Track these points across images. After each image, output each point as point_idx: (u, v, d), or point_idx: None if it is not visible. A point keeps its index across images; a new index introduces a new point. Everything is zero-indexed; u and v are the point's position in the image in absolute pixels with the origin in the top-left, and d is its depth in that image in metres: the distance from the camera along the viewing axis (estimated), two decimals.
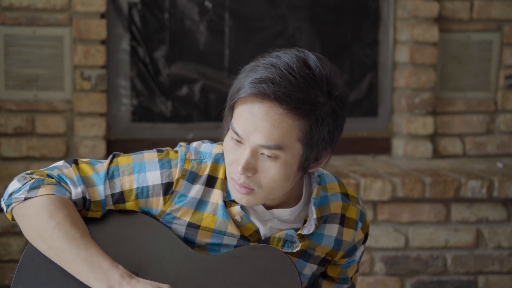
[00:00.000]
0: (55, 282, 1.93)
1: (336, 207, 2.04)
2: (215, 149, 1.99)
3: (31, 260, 1.95)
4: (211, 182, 1.96)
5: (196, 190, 1.96)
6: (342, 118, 1.86)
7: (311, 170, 1.91)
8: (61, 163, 2.00)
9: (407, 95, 4.01)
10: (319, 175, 2.02)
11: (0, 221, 3.46)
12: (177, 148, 2.01)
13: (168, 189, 1.95)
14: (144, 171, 1.95)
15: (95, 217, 1.98)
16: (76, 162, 1.99)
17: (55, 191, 1.93)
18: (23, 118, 3.77)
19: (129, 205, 1.97)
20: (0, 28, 3.72)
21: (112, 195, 1.96)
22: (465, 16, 4.04)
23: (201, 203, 1.96)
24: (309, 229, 1.97)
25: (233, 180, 1.88)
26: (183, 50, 3.98)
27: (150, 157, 1.98)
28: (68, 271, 1.90)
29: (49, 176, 1.96)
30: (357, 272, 2.18)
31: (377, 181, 3.61)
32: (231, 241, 1.97)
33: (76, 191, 1.95)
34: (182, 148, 1.99)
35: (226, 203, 1.96)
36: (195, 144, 2.01)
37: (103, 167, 1.97)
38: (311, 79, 1.80)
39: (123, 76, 3.94)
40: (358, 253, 2.12)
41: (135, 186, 1.95)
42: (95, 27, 3.74)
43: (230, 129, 1.86)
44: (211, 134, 3.90)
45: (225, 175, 1.96)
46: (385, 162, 4.02)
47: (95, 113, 3.79)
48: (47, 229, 1.89)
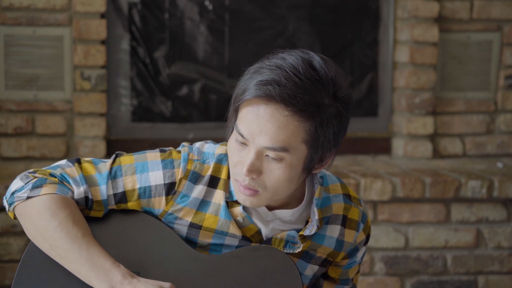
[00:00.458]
0: (57, 281, 1.93)
1: (338, 208, 2.04)
2: (218, 150, 1.99)
3: (32, 259, 1.95)
4: (213, 182, 1.96)
5: (198, 190, 1.96)
6: (346, 119, 1.87)
7: (316, 171, 1.92)
8: (63, 162, 2.00)
9: (407, 95, 4.01)
10: (322, 176, 2.02)
11: (0, 221, 3.46)
12: (180, 148, 2.01)
13: (170, 189, 1.95)
14: (146, 171, 1.95)
15: (97, 217, 1.98)
16: (79, 161, 1.99)
17: (57, 190, 1.92)
18: (23, 118, 3.76)
19: (131, 205, 1.97)
20: (0, 28, 3.72)
21: (114, 194, 1.96)
22: (465, 16, 4.04)
23: (203, 204, 1.96)
24: (311, 230, 1.97)
25: (238, 181, 1.88)
26: (183, 50, 3.98)
27: (153, 157, 1.98)
28: (69, 270, 1.90)
29: (52, 175, 1.96)
30: (358, 273, 2.18)
31: (377, 181, 3.61)
32: (232, 241, 1.97)
33: (78, 191, 1.94)
34: (185, 148, 1.99)
35: (228, 204, 1.96)
36: (198, 144, 2.01)
37: (105, 166, 1.97)
38: (317, 81, 1.80)
39: (123, 76, 3.94)
40: (359, 254, 2.12)
41: (138, 186, 1.95)
42: (95, 27, 3.74)
43: (234, 130, 1.86)
44: (211, 134, 3.90)
45: (228, 175, 1.96)
46: (385, 162, 4.02)
47: (95, 113, 3.79)
48: (49, 228, 1.89)
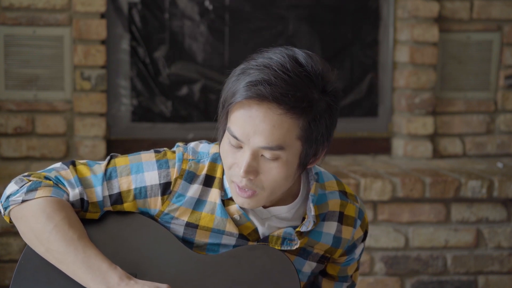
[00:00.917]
0: (54, 284, 1.93)
1: (334, 205, 2.04)
2: (213, 149, 2.00)
3: (29, 262, 1.95)
4: (209, 181, 1.96)
5: (194, 189, 1.96)
6: (336, 112, 1.88)
7: (310, 165, 1.92)
8: (58, 164, 2.00)
9: (407, 95, 4.01)
10: (317, 173, 2.02)
11: (0, 221, 3.46)
12: (174, 148, 2.01)
13: (166, 189, 1.95)
14: (142, 172, 1.95)
15: (93, 219, 1.98)
16: (73, 163, 1.99)
17: (52, 193, 1.92)
18: (23, 118, 3.77)
19: (127, 205, 1.97)
20: (0, 28, 3.73)
21: (110, 196, 1.96)
22: (465, 16, 4.04)
23: (199, 203, 1.96)
24: (308, 226, 1.97)
25: (234, 183, 1.88)
26: (183, 50, 3.98)
27: (147, 157, 1.98)
28: (66, 273, 1.90)
29: (47, 178, 1.96)
30: (357, 270, 2.18)
31: (377, 181, 3.61)
32: (229, 240, 1.97)
33: (73, 193, 1.94)
34: (179, 148, 2.00)
35: (224, 202, 1.96)
36: (192, 144, 2.02)
37: (100, 168, 1.97)
38: (306, 76, 1.81)
39: (123, 76, 3.94)
40: (357, 251, 2.12)
41: (133, 186, 1.95)
42: (95, 27, 3.74)
43: (226, 133, 1.86)
44: (211, 134, 3.84)
45: (223, 174, 1.96)
46: (385, 162, 4.02)
47: (95, 113, 3.79)
48: (44, 232, 1.89)
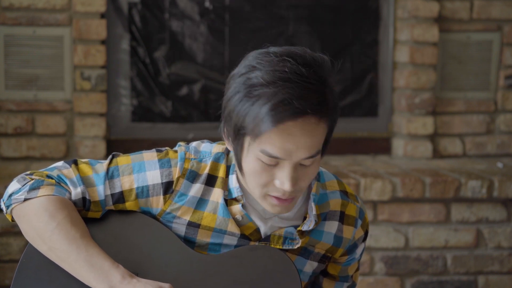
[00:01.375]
0: (56, 282, 1.93)
1: (335, 204, 2.04)
2: (215, 149, 1.99)
3: (31, 260, 1.95)
4: (211, 181, 1.96)
5: (196, 189, 1.95)
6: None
7: None
8: (60, 163, 1.99)
9: (407, 95, 4.01)
10: (318, 173, 2.03)
11: (0, 221, 3.46)
12: (176, 147, 2.01)
13: (168, 188, 1.95)
14: (144, 171, 1.95)
15: (95, 218, 1.98)
16: (75, 162, 1.99)
17: (55, 192, 1.92)
18: (23, 118, 3.77)
19: (129, 205, 1.97)
20: (0, 28, 3.73)
21: (112, 195, 1.95)
22: (465, 16, 4.04)
23: (201, 202, 1.96)
24: (309, 225, 1.97)
25: (270, 197, 1.86)
26: (183, 50, 3.98)
27: (149, 156, 1.98)
28: (68, 272, 1.90)
29: (49, 176, 1.96)
30: (357, 270, 2.18)
31: (377, 181, 3.61)
32: (231, 240, 1.97)
33: (75, 192, 1.94)
34: (181, 147, 1.99)
35: (227, 202, 1.96)
36: (194, 143, 2.01)
37: (102, 167, 1.97)
38: (319, 78, 1.80)
39: (123, 76, 3.94)
40: (358, 251, 2.12)
41: (135, 185, 1.95)
42: (95, 27, 3.74)
43: (255, 153, 1.81)
44: (211, 134, 3.90)
45: (226, 174, 1.96)
46: (385, 162, 4.02)
47: (95, 113, 3.79)
48: (47, 230, 1.89)
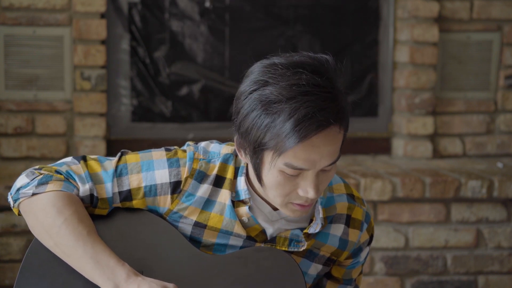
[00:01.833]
0: (60, 278, 1.93)
1: (342, 207, 2.04)
2: (224, 150, 1.99)
3: (35, 256, 1.95)
4: (219, 182, 1.96)
5: (204, 189, 1.95)
6: None
7: None
8: (69, 159, 2.00)
9: (407, 95, 4.02)
10: None
11: (0, 221, 3.46)
12: (185, 147, 2.00)
13: (176, 188, 1.94)
14: (152, 170, 1.95)
15: (101, 214, 1.98)
16: (84, 158, 1.99)
17: (63, 188, 1.92)
18: (23, 118, 3.76)
19: (136, 203, 1.97)
20: (0, 28, 3.72)
21: (119, 192, 1.96)
22: (465, 16, 4.04)
23: (208, 203, 1.96)
24: (315, 228, 1.97)
25: (292, 204, 1.87)
26: (183, 50, 3.98)
27: (158, 155, 1.97)
28: (74, 268, 1.90)
29: (58, 172, 1.96)
30: (361, 274, 2.19)
31: (377, 181, 3.62)
32: (237, 241, 1.97)
33: (84, 188, 1.94)
34: (190, 147, 1.99)
35: (234, 203, 1.96)
36: (203, 144, 2.01)
37: (111, 164, 1.97)
38: (333, 84, 1.80)
39: (123, 76, 3.93)
40: (363, 255, 2.12)
41: (143, 184, 1.95)
42: (95, 27, 3.74)
43: (282, 166, 1.80)
44: (211, 134, 3.90)
45: (234, 175, 1.96)
46: (385, 162, 4.02)
47: (95, 113, 3.79)
48: (54, 226, 1.89)
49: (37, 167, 1.98)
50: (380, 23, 4.10)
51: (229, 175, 1.96)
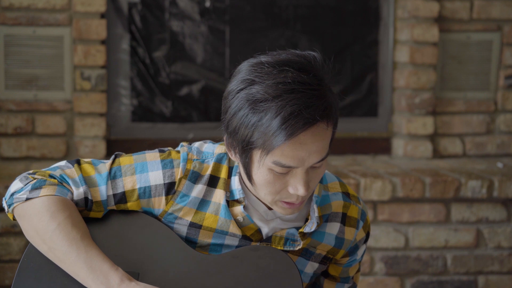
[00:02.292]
0: (56, 282, 1.92)
1: (337, 206, 2.04)
2: (217, 149, 1.99)
3: (32, 260, 1.95)
4: (213, 182, 1.96)
5: (198, 190, 1.95)
6: None
7: None
8: (63, 163, 1.99)
9: (407, 95, 4.02)
10: None
11: (0, 221, 3.46)
12: (178, 148, 2.00)
13: (170, 189, 1.94)
14: (146, 171, 1.95)
15: (96, 217, 1.98)
16: (78, 162, 1.99)
17: (57, 192, 1.92)
18: (23, 118, 3.76)
19: (131, 205, 1.97)
20: (0, 28, 3.72)
21: (114, 195, 1.95)
22: (465, 16, 4.04)
23: (203, 203, 1.96)
24: (311, 227, 1.97)
25: (283, 202, 1.87)
26: (183, 50, 3.98)
27: (152, 157, 1.97)
28: (68, 272, 1.90)
29: (51, 176, 1.96)
30: (358, 271, 2.19)
31: (377, 181, 3.61)
32: (232, 241, 1.97)
33: (78, 192, 1.94)
34: (184, 148, 1.99)
35: (228, 203, 1.96)
36: (197, 144, 2.01)
37: (105, 167, 1.97)
38: (320, 81, 1.80)
39: (123, 76, 3.94)
40: (359, 252, 2.12)
41: (138, 186, 1.95)
42: (95, 27, 3.74)
43: (267, 164, 1.81)
44: (211, 134, 3.90)
45: (228, 174, 1.96)
46: (385, 162, 4.02)
47: (95, 113, 3.79)
48: (48, 230, 1.89)
49: (31, 171, 1.98)
50: (380, 23, 4.10)
51: (223, 174, 1.96)
